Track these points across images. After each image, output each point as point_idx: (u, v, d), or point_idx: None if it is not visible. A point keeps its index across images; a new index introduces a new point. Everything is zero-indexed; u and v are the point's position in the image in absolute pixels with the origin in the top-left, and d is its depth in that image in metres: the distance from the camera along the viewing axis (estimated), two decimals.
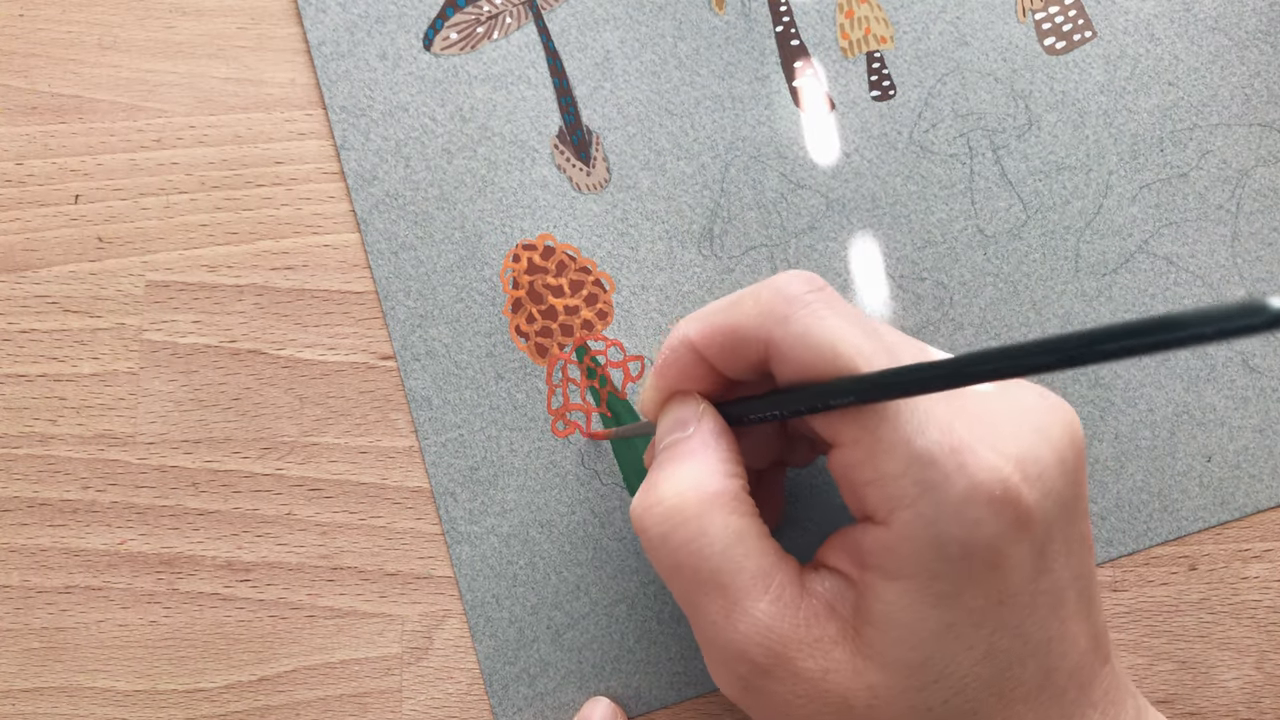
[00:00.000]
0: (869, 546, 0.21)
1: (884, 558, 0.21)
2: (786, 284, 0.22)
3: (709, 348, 0.23)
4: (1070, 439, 0.22)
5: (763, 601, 0.21)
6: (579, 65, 0.33)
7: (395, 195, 0.32)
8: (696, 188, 0.32)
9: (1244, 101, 0.33)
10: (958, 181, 0.33)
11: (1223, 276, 0.32)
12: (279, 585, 0.30)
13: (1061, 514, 0.21)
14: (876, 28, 0.34)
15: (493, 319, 0.31)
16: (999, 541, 0.20)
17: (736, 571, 0.21)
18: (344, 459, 0.31)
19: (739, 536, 0.22)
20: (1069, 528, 0.21)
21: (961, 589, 0.20)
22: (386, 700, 0.29)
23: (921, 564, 0.20)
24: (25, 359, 0.31)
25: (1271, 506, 0.31)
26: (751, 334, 0.22)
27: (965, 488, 0.19)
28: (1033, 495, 0.20)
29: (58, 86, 0.32)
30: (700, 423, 0.23)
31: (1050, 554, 0.21)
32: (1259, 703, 0.30)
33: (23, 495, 0.30)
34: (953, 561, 0.20)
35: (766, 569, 0.22)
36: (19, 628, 0.30)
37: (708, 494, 0.22)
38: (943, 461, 0.20)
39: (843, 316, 0.21)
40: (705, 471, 0.22)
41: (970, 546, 0.20)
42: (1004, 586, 0.20)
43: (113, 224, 0.32)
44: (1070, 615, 0.22)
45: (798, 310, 0.21)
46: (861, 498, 0.21)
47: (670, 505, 0.22)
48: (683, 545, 0.22)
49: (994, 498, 0.20)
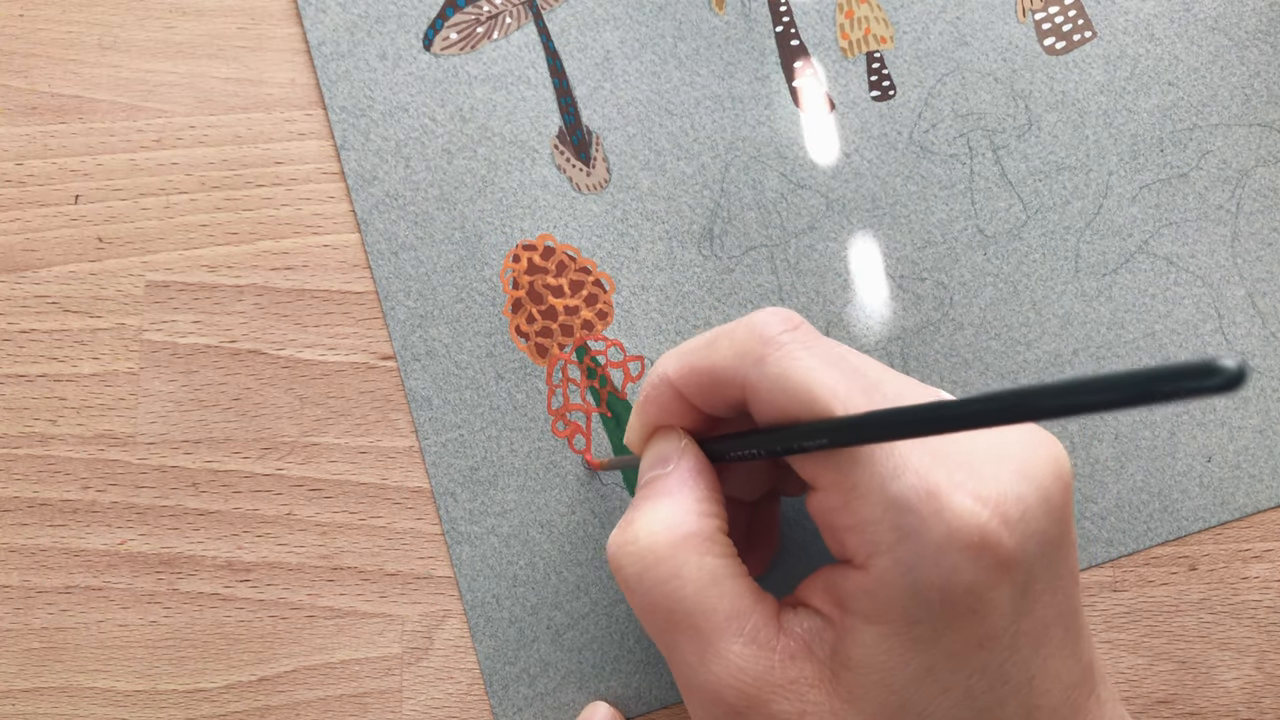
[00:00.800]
0: (848, 590, 0.21)
1: (863, 601, 0.20)
2: (763, 324, 0.22)
3: (687, 387, 0.23)
4: (1055, 475, 0.21)
5: (736, 643, 0.21)
6: (579, 65, 0.33)
7: (395, 195, 0.32)
8: (696, 188, 0.32)
9: (1244, 102, 0.33)
10: (958, 182, 0.33)
11: (1223, 276, 0.32)
12: (279, 585, 0.30)
13: (1044, 553, 0.21)
14: (876, 28, 0.34)
15: (493, 319, 0.31)
16: (977, 587, 0.20)
17: (710, 613, 0.21)
18: (344, 459, 0.31)
19: (713, 578, 0.21)
20: (1053, 566, 0.21)
21: (940, 633, 0.20)
22: (386, 700, 0.29)
23: (899, 609, 0.20)
24: (25, 359, 0.31)
25: (1271, 506, 0.31)
26: (728, 375, 0.22)
27: (942, 534, 0.19)
28: (1013, 539, 0.20)
29: (58, 87, 0.32)
30: (680, 460, 0.23)
31: (1033, 594, 0.21)
32: (1259, 703, 0.30)
33: (23, 495, 0.30)
34: (931, 606, 0.20)
35: (741, 610, 0.21)
36: (19, 628, 0.30)
37: (681, 534, 0.22)
38: (918, 507, 0.19)
39: (819, 356, 0.21)
40: (681, 511, 0.22)
41: (948, 592, 0.20)
42: (984, 629, 0.20)
43: (113, 224, 0.32)
44: (1053, 652, 0.21)
45: (773, 351, 0.21)
46: (840, 541, 0.21)
47: (644, 545, 0.22)
48: (656, 585, 0.22)
49: (971, 544, 0.19)
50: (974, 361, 0.32)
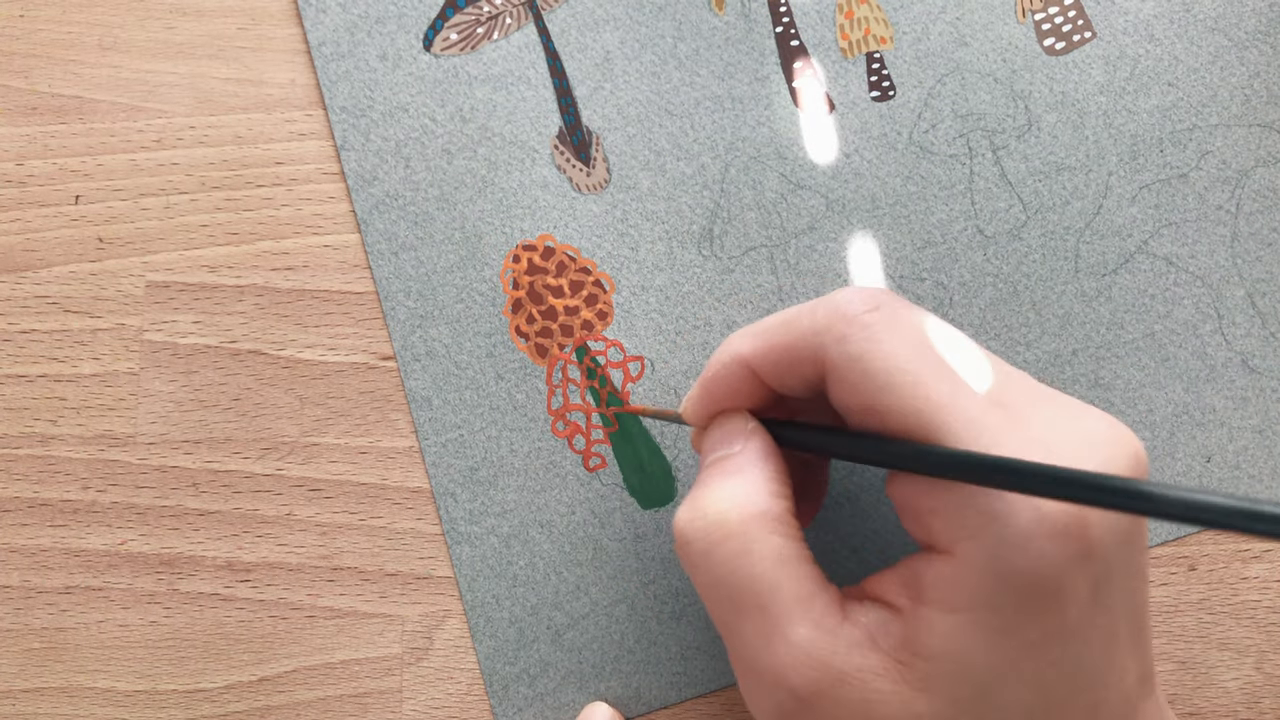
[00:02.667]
0: (929, 578, 0.21)
1: (944, 590, 0.20)
2: (846, 302, 0.22)
3: (763, 364, 0.23)
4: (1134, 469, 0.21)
5: (803, 627, 0.21)
6: (579, 66, 0.33)
7: (395, 196, 0.32)
8: (696, 188, 0.32)
9: (1244, 102, 0.33)
10: (957, 182, 0.33)
11: (1222, 277, 0.32)
12: (279, 585, 0.30)
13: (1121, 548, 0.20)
14: (876, 28, 0.34)
15: (493, 319, 0.31)
16: (1061, 574, 0.19)
17: (777, 593, 0.21)
18: (344, 459, 0.31)
19: (782, 558, 0.21)
20: (1128, 562, 0.21)
21: (1020, 623, 0.20)
22: (386, 700, 0.29)
23: (982, 596, 0.20)
24: (26, 359, 0.31)
25: None
26: (807, 352, 0.22)
27: (1031, 519, 0.19)
28: (1098, 527, 0.20)
29: (58, 87, 0.32)
30: (748, 441, 0.23)
31: (1108, 587, 0.20)
32: (1258, 703, 0.30)
33: (23, 495, 0.30)
34: (1014, 593, 0.20)
35: (808, 594, 0.21)
36: (19, 628, 0.30)
37: (753, 512, 0.22)
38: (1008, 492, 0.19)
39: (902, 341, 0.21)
40: (752, 489, 0.22)
41: (1033, 578, 0.19)
42: (1061, 620, 0.20)
43: (113, 224, 0.32)
44: (1122, 649, 0.21)
45: (856, 331, 0.21)
46: (925, 526, 0.21)
47: (714, 520, 0.22)
48: (724, 562, 0.21)
49: (1058, 530, 0.19)
50: None
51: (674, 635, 0.30)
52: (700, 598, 0.23)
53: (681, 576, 0.30)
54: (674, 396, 0.31)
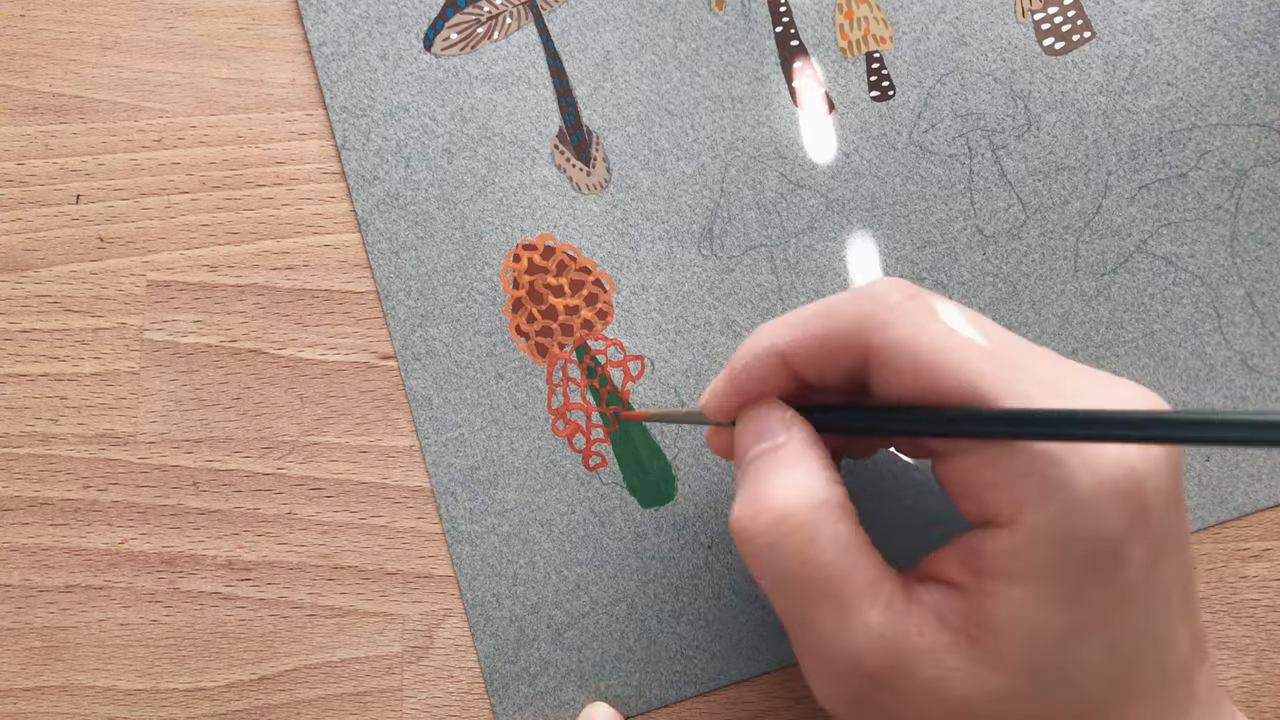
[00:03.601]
0: (991, 552, 0.21)
1: (1008, 561, 0.20)
2: (885, 292, 0.22)
3: (799, 355, 0.23)
4: None
5: (874, 611, 0.21)
6: (579, 66, 0.33)
7: (396, 195, 0.32)
8: (696, 188, 0.32)
9: (1243, 102, 0.33)
10: (957, 182, 0.33)
11: (1222, 277, 0.32)
12: (280, 584, 0.30)
13: (1171, 510, 0.21)
14: (876, 28, 0.34)
15: (493, 319, 0.31)
16: (1121, 536, 0.20)
17: (849, 580, 0.21)
18: (345, 458, 0.31)
19: (848, 545, 0.21)
20: (1176, 526, 0.21)
21: (1085, 587, 0.20)
22: (387, 699, 0.30)
23: (1048, 565, 0.20)
24: (27, 359, 0.31)
25: (1270, 506, 0.31)
26: (849, 341, 0.22)
27: (1091, 483, 0.19)
28: (1151, 487, 0.20)
29: (59, 87, 0.32)
30: (791, 431, 0.23)
31: (1162, 550, 0.21)
32: (1258, 702, 0.30)
33: (24, 494, 0.30)
34: (1078, 559, 0.20)
35: (876, 578, 0.21)
36: (20, 627, 0.30)
37: (816, 501, 0.21)
38: (1066, 458, 0.20)
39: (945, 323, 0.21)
40: (811, 479, 0.22)
41: (1097, 543, 0.20)
42: (1124, 582, 0.20)
43: (114, 224, 0.32)
44: (1177, 613, 0.21)
45: (899, 318, 0.21)
46: (983, 501, 0.21)
47: (778, 513, 0.21)
48: (793, 554, 0.21)
49: (1119, 490, 0.19)
50: None
51: (674, 634, 0.30)
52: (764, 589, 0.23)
53: (681, 575, 0.30)
54: (674, 396, 0.31)
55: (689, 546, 0.30)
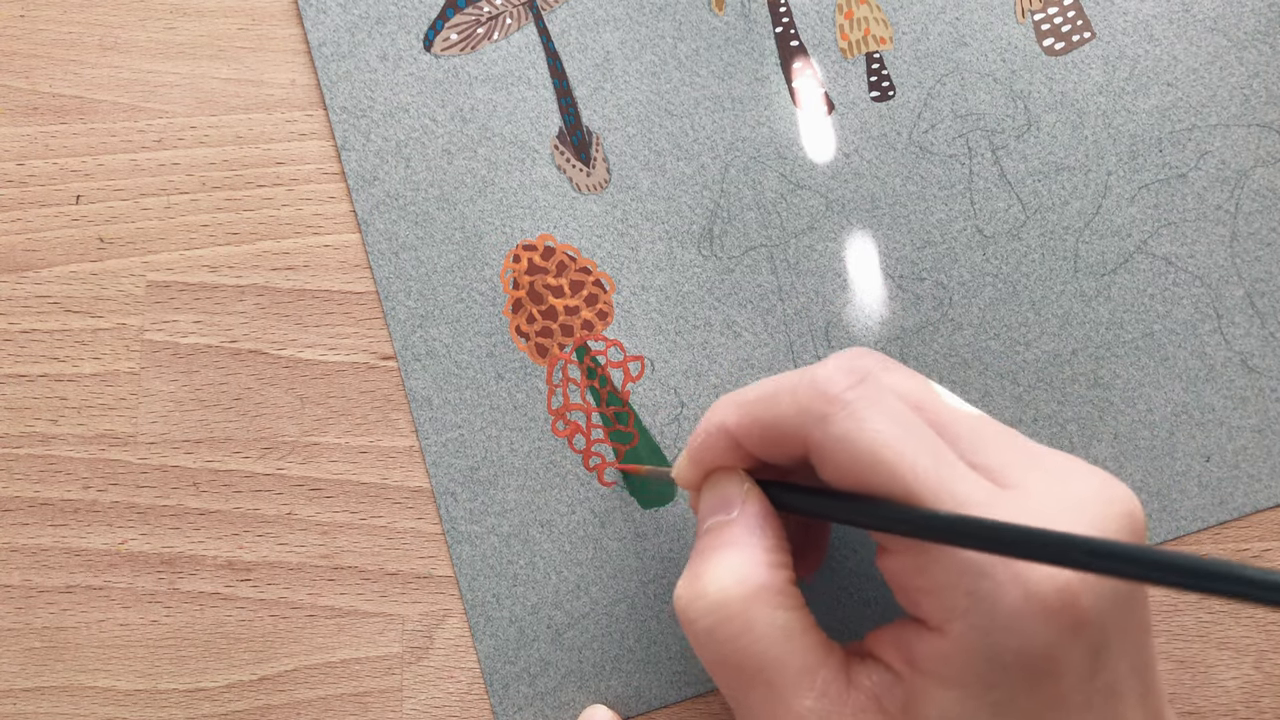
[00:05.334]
0: (923, 651, 0.21)
1: (938, 664, 0.20)
2: (826, 380, 0.21)
3: (748, 438, 0.23)
4: (1130, 528, 0.21)
5: (808, 699, 0.21)
6: (579, 66, 0.33)
7: (396, 196, 0.32)
8: (696, 188, 0.32)
9: (1243, 102, 0.33)
10: (957, 182, 0.33)
11: (1221, 277, 0.32)
12: (280, 585, 0.30)
13: (1119, 610, 0.20)
14: (876, 28, 0.34)
15: (493, 319, 0.31)
16: (1054, 650, 0.19)
17: (782, 668, 0.21)
18: (344, 459, 0.31)
19: (785, 632, 0.21)
20: (1128, 619, 0.21)
21: (1016, 696, 0.20)
22: (387, 700, 0.30)
23: (975, 673, 0.20)
24: (26, 359, 0.31)
25: (1270, 506, 0.31)
26: (790, 431, 0.22)
27: (1019, 598, 0.19)
28: (1089, 598, 0.19)
29: (59, 87, 0.32)
30: (744, 505, 0.23)
31: (1107, 652, 0.20)
32: (1258, 702, 0.30)
33: (24, 495, 0.30)
34: (1008, 671, 0.20)
35: (812, 665, 0.21)
36: (20, 627, 0.30)
37: (752, 588, 0.21)
38: (994, 571, 0.19)
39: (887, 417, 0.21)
40: (751, 563, 0.22)
41: (1025, 656, 0.19)
42: (1060, 690, 0.20)
43: (114, 224, 0.32)
44: (1128, 706, 0.21)
45: (837, 410, 0.21)
46: (914, 602, 0.21)
47: (715, 599, 0.22)
48: (728, 640, 0.21)
49: (1049, 607, 0.19)
50: (973, 361, 0.32)
51: (674, 635, 0.30)
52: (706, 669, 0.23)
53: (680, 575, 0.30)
54: (674, 396, 0.31)
55: (689, 547, 0.30)
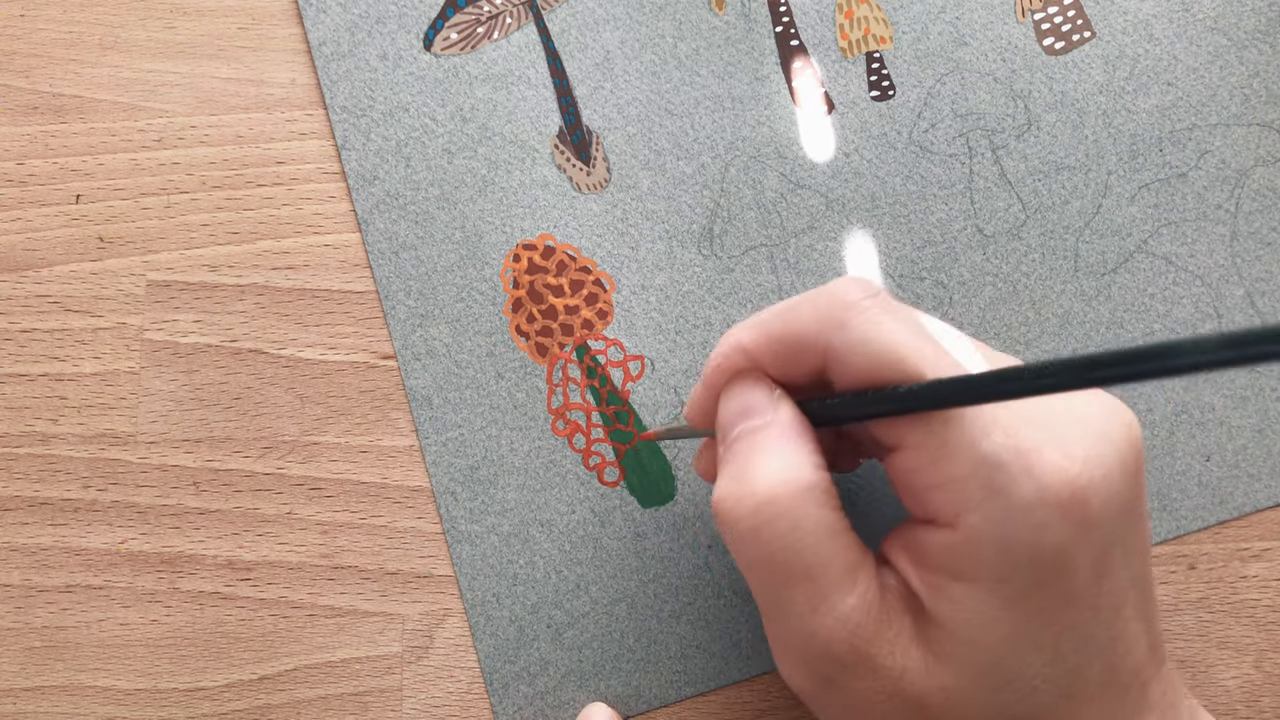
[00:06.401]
0: (933, 549, 0.21)
1: (950, 559, 0.20)
2: (843, 290, 0.22)
3: (764, 354, 0.23)
4: (1130, 441, 0.21)
5: (851, 596, 0.21)
6: (579, 65, 0.33)
7: (396, 195, 0.32)
8: (696, 188, 0.32)
9: (1243, 101, 0.33)
10: (957, 181, 0.33)
11: (1222, 276, 0.32)
12: (280, 584, 0.30)
13: (1123, 517, 0.21)
14: (876, 28, 0.34)
15: (493, 319, 0.31)
16: (1065, 545, 0.20)
17: (828, 566, 0.21)
18: (344, 458, 0.31)
19: (831, 531, 0.21)
20: (1130, 530, 0.21)
21: (1029, 591, 0.20)
22: (387, 699, 0.30)
23: (988, 566, 0.20)
24: (26, 358, 0.31)
25: (1270, 506, 0.31)
26: (809, 341, 0.22)
27: (1033, 491, 0.19)
28: (1098, 498, 0.20)
29: (59, 86, 0.32)
30: (777, 410, 0.23)
31: (1111, 557, 0.21)
32: (1258, 701, 0.30)
33: (24, 494, 0.30)
34: (1020, 565, 0.20)
35: (854, 564, 0.21)
36: (20, 627, 0.30)
37: (802, 486, 0.21)
38: (1009, 464, 0.20)
39: (901, 320, 0.21)
40: (797, 462, 0.22)
41: (1037, 550, 0.20)
42: (1069, 588, 0.20)
43: (114, 224, 0.32)
44: (1131, 617, 0.21)
45: (855, 316, 0.21)
46: (925, 501, 0.21)
47: (763, 497, 0.21)
48: (776, 539, 0.21)
49: (1061, 501, 0.19)
50: None
51: (674, 634, 0.30)
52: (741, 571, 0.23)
53: (681, 575, 0.30)
54: (674, 395, 0.31)
55: (689, 546, 0.30)
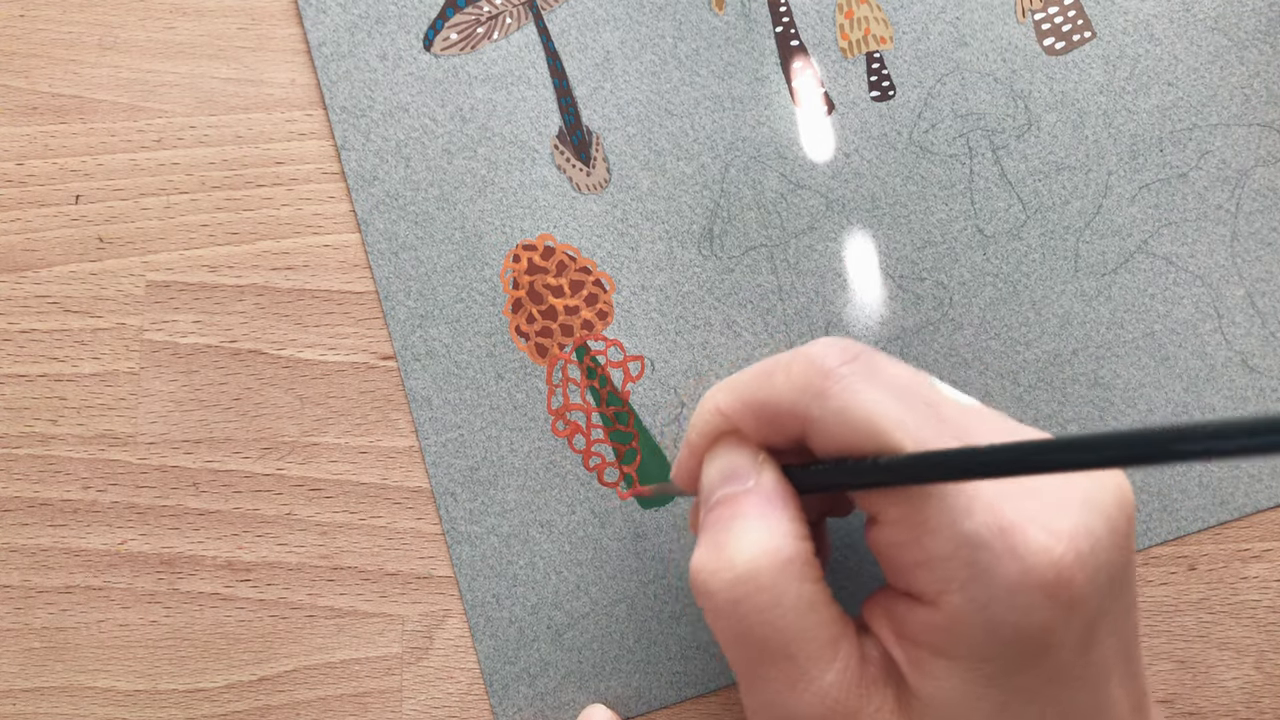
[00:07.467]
0: (915, 624, 0.20)
1: (933, 636, 0.20)
2: (821, 355, 0.21)
3: (744, 421, 0.22)
4: (1120, 505, 0.21)
5: (830, 673, 0.21)
6: (579, 65, 0.33)
7: (395, 195, 0.32)
8: (696, 188, 0.32)
9: (1243, 102, 0.33)
10: (957, 182, 0.33)
11: (1222, 276, 0.32)
12: (279, 585, 0.30)
13: (1112, 586, 0.20)
14: (876, 28, 0.34)
15: (493, 319, 0.31)
16: (1051, 624, 0.19)
17: (807, 641, 0.21)
18: (344, 459, 0.31)
19: (812, 605, 0.21)
20: (1119, 597, 0.21)
21: (1013, 670, 0.20)
22: (387, 700, 0.29)
23: (972, 646, 0.20)
24: (26, 359, 0.31)
25: (1271, 506, 0.31)
26: (787, 409, 0.21)
27: (1017, 572, 0.19)
28: (1084, 575, 0.19)
29: (58, 87, 0.32)
30: (761, 475, 0.22)
31: (1098, 629, 0.20)
32: (1258, 702, 0.30)
33: (23, 495, 0.30)
34: (1005, 645, 0.19)
35: (835, 637, 0.21)
36: (20, 627, 0.30)
37: (782, 559, 0.21)
38: (992, 544, 0.19)
39: (882, 388, 0.20)
40: (777, 533, 0.21)
41: (1022, 631, 0.19)
42: (1055, 666, 0.20)
43: (113, 224, 0.32)
44: (1114, 683, 0.21)
45: (833, 385, 0.20)
46: (906, 577, 0.21)
47: (742, 571, 0.21)
48: (754, 614, 0.21)
49: (1046, 582, 0.19)
50: (973, 361, 0.32)
51: (674, 635, 0.30)
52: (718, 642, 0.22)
53: (680, 575, 0.30)
54: (674, 396, 0.31)
55: (689, 547, 0.30)
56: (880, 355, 0.22)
